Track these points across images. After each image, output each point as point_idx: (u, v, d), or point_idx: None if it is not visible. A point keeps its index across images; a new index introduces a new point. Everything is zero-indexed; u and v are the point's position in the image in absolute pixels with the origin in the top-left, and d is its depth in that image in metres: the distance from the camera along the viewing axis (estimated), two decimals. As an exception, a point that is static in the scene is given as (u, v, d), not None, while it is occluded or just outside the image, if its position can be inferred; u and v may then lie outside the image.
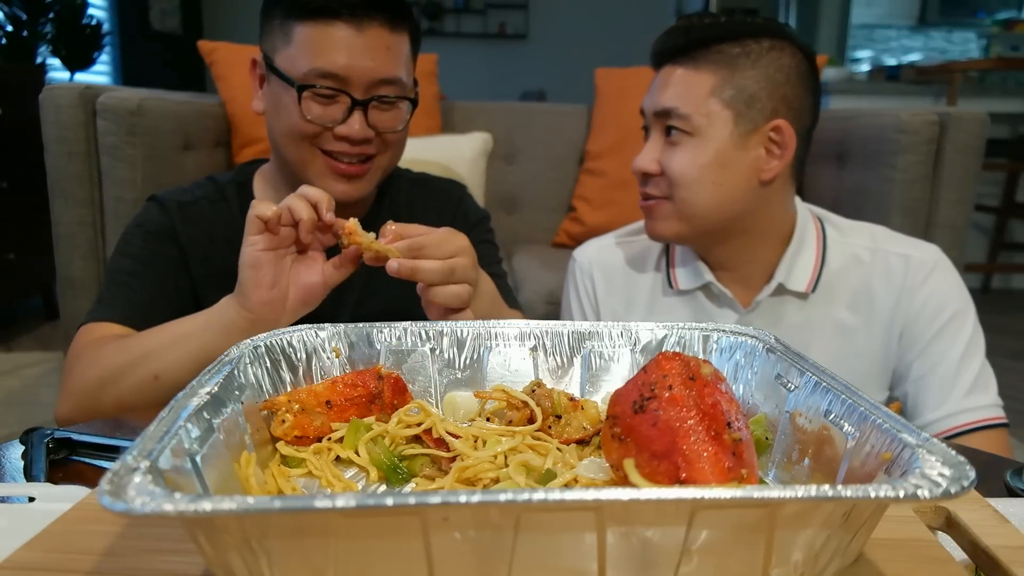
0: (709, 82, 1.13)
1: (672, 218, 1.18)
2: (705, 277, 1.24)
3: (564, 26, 6.92)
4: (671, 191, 1.17)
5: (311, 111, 1.05)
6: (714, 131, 1.13)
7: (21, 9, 3.88)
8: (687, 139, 1.14)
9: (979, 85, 4.45)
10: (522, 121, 2.68)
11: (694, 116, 1.13)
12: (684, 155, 1.14)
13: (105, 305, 1.05)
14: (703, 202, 1.15)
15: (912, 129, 1.87)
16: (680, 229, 1.19)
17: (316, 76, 1.03)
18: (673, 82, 1.16)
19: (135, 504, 0.35)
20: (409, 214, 1.26)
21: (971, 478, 0.39)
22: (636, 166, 1.20)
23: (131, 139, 1.86)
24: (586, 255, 1.40)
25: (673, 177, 1.16)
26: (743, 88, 1.13)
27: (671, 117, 1.15)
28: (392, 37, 1.06)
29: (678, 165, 1.15)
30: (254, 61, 1.13)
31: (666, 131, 1.17)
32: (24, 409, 2.69)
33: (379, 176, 1.15)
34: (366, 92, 1.05)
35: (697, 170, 1.14)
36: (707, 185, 1.14)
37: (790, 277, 1.20)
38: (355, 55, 1.03)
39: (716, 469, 0.45)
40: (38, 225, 2.54)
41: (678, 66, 1.16)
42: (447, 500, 0.35)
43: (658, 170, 1.17)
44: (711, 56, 1.14)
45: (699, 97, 1.14)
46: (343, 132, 1.06)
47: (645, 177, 1.20)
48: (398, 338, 0.69)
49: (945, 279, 1.19)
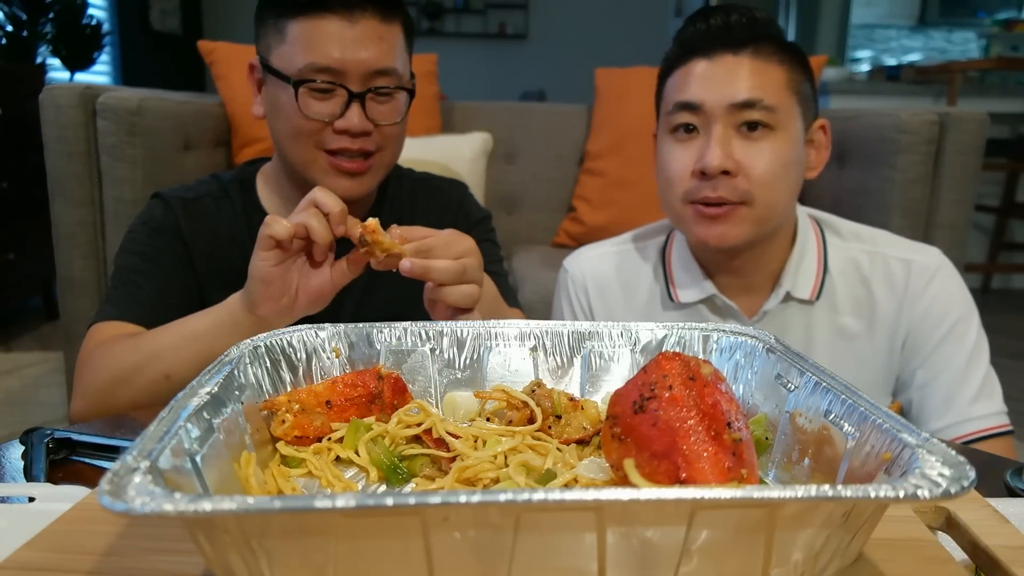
0: (783, 75, 1.09)
1: (747, 222, 1.10)
2: (708, 290, 1.20)
3: (564, 26, 6.93)
4: (751, 193, 1.08)
5: (309, 107, 1.05)
6: (792, 126, 1.10)
7: (21, 9, 3.88)
8: (771, 134, 1.08)
9: (979, 85, 4.45)
10: (522, 121, 2.68)
11: (779, 108, 1.08)
12: (768, 151, 1.08)
13: (114, 304, 1.06)
14: (782, 202, 1.10)
15: (912, 129, 1.87)
16: (751, 234, 1.11)
17: (311, 71, 1.03)
18: (747, 73, 1.08)
19: (135, 504, 0.35)
20: (411, 213, 1.26)
21: (971, 478, 0.39)
22: (714, 163, 1.07)
23: (131, 139, 1.86)
24: (579, 266, 1.34)
25: (758, 176, 1.07)
26: (801, 83, 1.11)
27: (755, 109, 1.07)
28: (384, 28, 1.06)
29: (764, 162, 1.07)
30: (251, 66, 1.13)
31: (743, 126, 1.08)
32: (24, 409, 2.69)
33: (382, 173, 1.15)
34: (362, 84, 1.05)
35: (782, 168, 1.08)
36: (788, 184, 1.10)
37: (796, 284, 1.17)
38: (349, 47, 1.03)
39: (716, 469, 0.45)
40: (38, 225, 2.55)
41: (745, 56, 1.09)
42: (447, 500, 0.35)
43: (736, 170, 1.08)
44: (772, 49, 1.09)
45: (778, 89, 1.08)
46: (342, 126, 1.05)
47: (716, 177, 1.08)
48: (398, 338, 0.69)
49: (948, 284, 1.17)
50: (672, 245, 1.28)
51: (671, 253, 1.27)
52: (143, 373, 0.92)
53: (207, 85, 4.84)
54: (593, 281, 1.32)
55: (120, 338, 0.98)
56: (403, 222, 1.23)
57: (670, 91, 1.16)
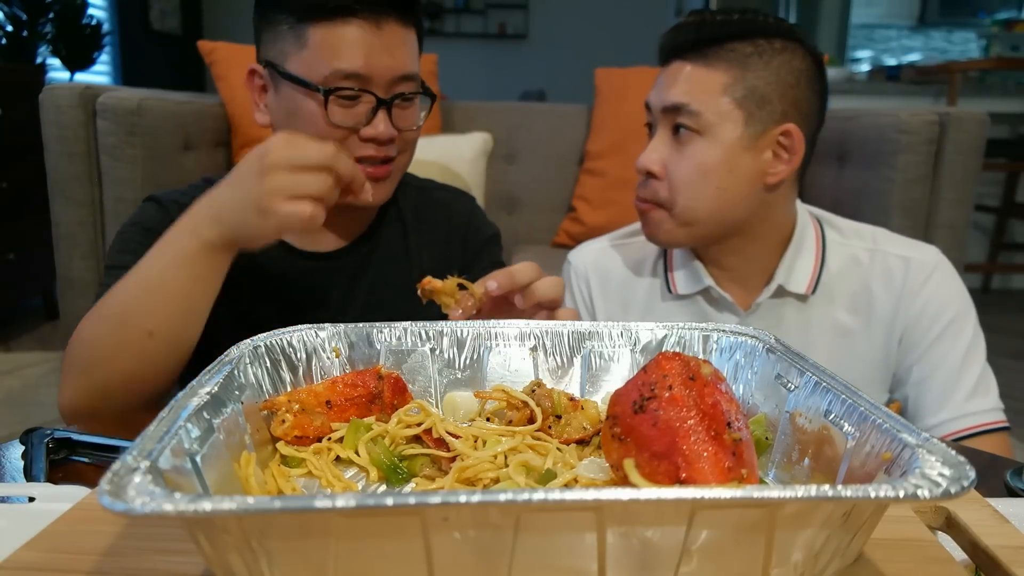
0: (721, 80, 1.10)
1: (666, 223, 1.16)
2: (705, 281, 1.22)
3: (564, 26, 6.93)
4: (671, 196, 1.14)
5: (335, 115, 1.02)
6: (724, 131, 1.10)
7: (21, 9, 3.88)
8: (696, 138, 1.11)
9: (979, 85, 4.45)
10: (522, 121, 2.68)
11: (705, 114, 1.10)
12: (691, 156, 1.11)
13: None
14: (704, 208, 1.13)
15: (912, 129, 1.87)
16: (679, 235, 1.17)
17: (339, 78, 1.00)
18: (683, 78, 1.12)
19: (135, 504, 0.35)
20: (417, 227, 1.25)
21: (971, 478, 0.39)
22: (640, 164, 1.16)
23: (131, 139, 1.86)
24: (581, 258, 1.37)
25: (677, 181, 1.13)
26: (755, 88, 1.10)
27: (680, 114, 1.11)
28: (405, 32, 1.05)
29: (684, 168, 1.12)
30: (252, 71, 1.10)
31: (674, 129, 1.13)
32: (24, 409, 2.70)
33: (399, 177, 1.14)
34: (388, 90, 1.04)
35: (703, 173, 1.11)
36: (711, 190, 1.12)
37: (790, 278, 1.19)
38: (375, 53, 1.01)
39: (716, 469, 0.45)
40: (38, 225, 2.55)
41: (688, 62, 1.13)
42: (447, 500, 0.35)
43: (662, 172, 1.14)
44: (723, 54, 1.11)
45: (710, 95, 1.11)
46: (370, 133, 1.03)
47: (646, 177, 1.17)
48: (398, 338, 0.69)
49: (945, 282, 1.18)
50: None
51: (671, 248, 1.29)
52: (124, 338, 0.88)
53: (207, 85, 4.84)
54: (595, 273, 1.35)
55: (85, 318, 0.94)
56: (407, 235, 1.23)
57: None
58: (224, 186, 0.90)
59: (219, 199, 0.89)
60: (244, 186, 0.87)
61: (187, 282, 0.89)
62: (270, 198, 0.85)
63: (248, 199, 0.86)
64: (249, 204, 0.86)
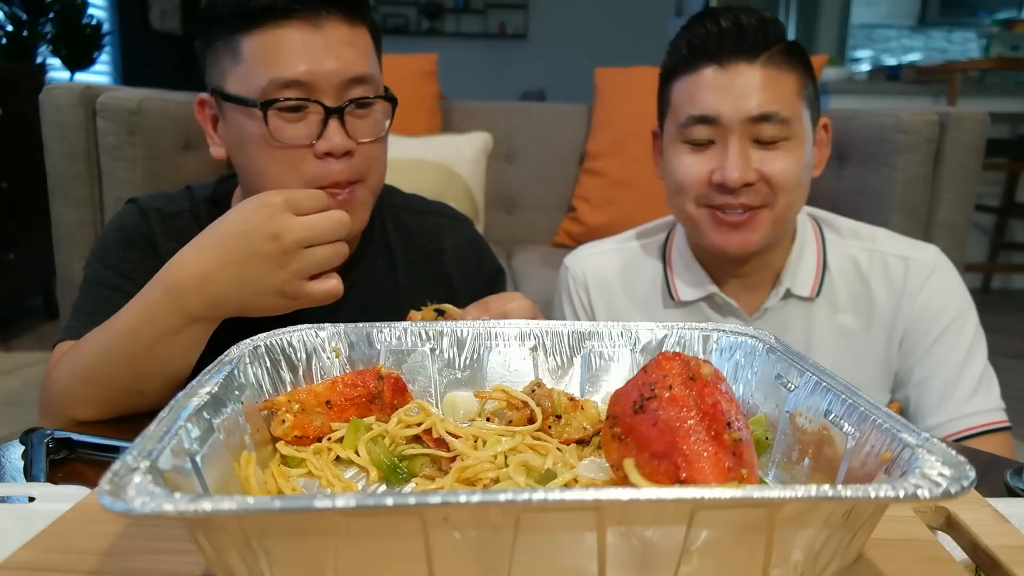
0: (795, 83, 1.09)
1: (766, 225, 1.11)
2: (708, 288, 1.20)
3: (564, 26, 6.93)
4: (774, 197, 1.09)
5: (281, 132, 0.91)
6: (804, 131, 1.11)
7: (21, 9, 3.88)
8: (786, 143, 1.09)
9: (979, 85, 4.45)
10: (522, 121, 2.68)
11: (794, 120, 1.08)
12: (787, 160, 1.08)
13: (85, 320, 0.94)
14: (799, 203, 1.13)
15: (912, 129, 1.87)
16: (771, 237, 1.13)
17: (278, 88, 0.90)
18: (764, 83, 1.07)
19: (135, 504, 0.35)
20: (405, 255, 1.14)
21: (971, 478, 0.39)
22: (728, 178, 1.07)
23: (131, 139, 1.86)
24: (579, 264, 1.34)
25: (781, 183, 1.08)
26: (808, 87, 1.12)
27: (770, 122, 1.07)
28: (352, 32, 0.94)
29: (784, 171, 1.08)
30: (201, 101, 1.00)
31: (755, 137, 1.08)
32: (24, 409, 2.69)
33: (372, 200, 1.01)
34: (338, 97, 0.92)
35: (799, 172, 1.10)
36: (804, 186, 1.12)
37: (795, 281, 1.18)
38: (316, 56, 0.90)
39: (716, 469, 0.45)
40: (38, 225, 2.54)
41: (759, 66, 1.08)
42: (447, 500, 0.35)
43: (757, 179, 1.08)
44: (783, 56, 1.09)
45: (792, 99, 1.09)
46: (324, 148, 0.91)
47: (738, 188, 1.08)
48: (398, 338, 0.69)
49: (945, 282, 1.18)
50: (673, 243, 1.29)
51: (672, 251, 1.28)
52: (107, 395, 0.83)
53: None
54: (594, 279, 1.32)
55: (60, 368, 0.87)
56: (395, 269, 1.11)
57: (680, 97, 1.14)
58: (220, 265, 0.79)
59: (217, 282, 0.79)
60: (257, 271, 0.79)
61: (177, 350, 0.83)
62: (297, 283, 0.80)
63: (267, 285, 0.80)
64: (268, 290, 0.80)
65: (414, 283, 1.12)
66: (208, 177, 1.02)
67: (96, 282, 1.00)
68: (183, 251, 0.82)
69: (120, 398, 0.84)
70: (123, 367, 0.82)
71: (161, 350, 0.81)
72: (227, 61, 0.94)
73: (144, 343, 0.81)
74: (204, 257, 0.80)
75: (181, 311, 0.80)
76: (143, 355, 0.81)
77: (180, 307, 0.80)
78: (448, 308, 0.82)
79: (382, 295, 1.10)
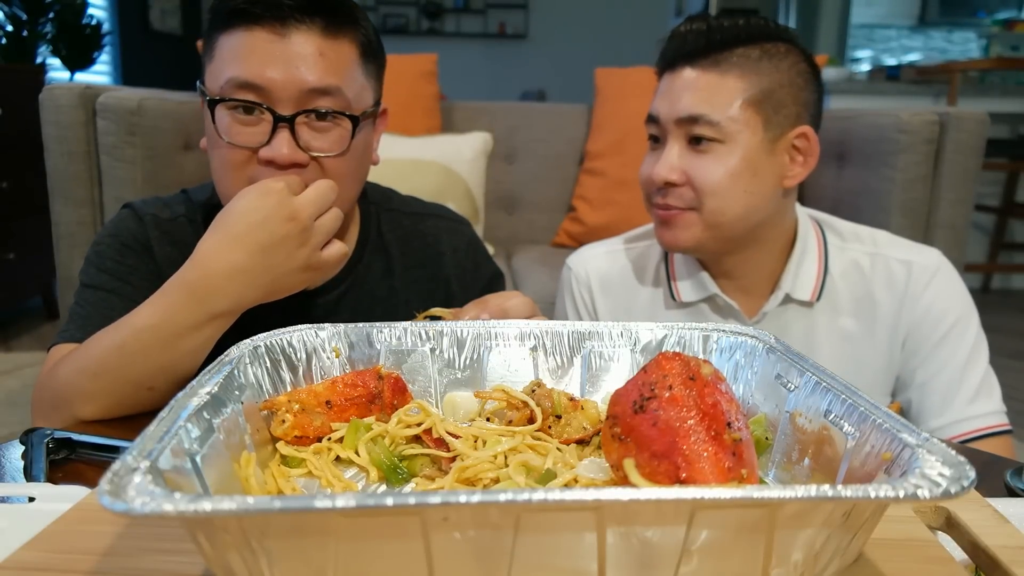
0: (736, 86, 1.09)
1: (696, 227, 1.13)
2: (710, 289, 1.21)
3: (564, 26, 6.93)
4: (699, 201, 1.11)
5: (229, 130, 0.91)
6: (744, 137, 1.09)
7: (21, 9, 3.88)
8: (716, 147, 1.09)
9: (979, 85, 4.45)
10: (522, 121, 2.68)
11: (724, 123, 1.08)
12: (714, 164, 1.09)
13: (81, 324, 0.95)
14: (733, 210, 1.11)
15: (912, 129, 1.87)
16: (703, 238, 1.14)
17: (232, 87, 0.90)
18: (697, 87, 1.10)
19: (135, 504, 0.35)
20: (402, 258, 1.13)
21: (971, 478, 0.39)
22: (654, 175, 1.12)
23: (131, 139, 1.86)
24: (582, 265, 1.35)
25: (703, 187, 1.10)
26: (770, 93, 1.09)
27: (698, 124, 1.09)
28: (328, 43, 0.92)
29: (709, 175, 1.09)
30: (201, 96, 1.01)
31: (690, 139, 1.11)
32: (24, 409, 2.69)
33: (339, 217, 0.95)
34: (295, 106, 0.90)
35: (729, 179, 1.09)
36: (739, 193, 1.10)
37: (795, 286, 1.18)
38: (274, 63, 0.89)
39: (716, 469, 0.45)
40: (38, 225, 2.54)
41: (698, 69, 1.10)
42: (447, 500, 0.35)
43: (681, 180, 1.11)
44: (734, 59, 1.09)
45: (728, 103, 1.09)
46: (267, 155, 0.90)
47: (664, 187, 1.13)
48: (398, 338, 0.69)
49: (947, 285, 1.18)
50: None
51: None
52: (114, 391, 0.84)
53: (207, 85, 4.83)
54: (597, 279, 1.33)
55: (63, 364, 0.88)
56: (392, 273, 1.11)
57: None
58: (246, 256, 0.83)
59: (246, 273, 0.83)
60: (282, 254, 0.84)
61: (193, 346, 0.84)
62: (316, 255, 0.87)
63: (293, 264, 0.85)
64: (294, 268, 0.86)
65: (411, 286, 1.13)
66: (208, 177, 1.02)
67: (92, 286, 1.00)
68: (202, 250, 0.84)
69: (129, 394, 0.85)
70: (138, 362, 0.83)
71: (179, 346, 0.83)
72: (207, 57, 0.96)
73: (163, 339, 0.83)
74: (229, 252, 0.83)
75: (203, 309, 0.83)
76: (159, 351, 0.83)
77: (203, 305, 0.83)
78: (441, 312, 0.82)
79: (377, 300, 1.11)
